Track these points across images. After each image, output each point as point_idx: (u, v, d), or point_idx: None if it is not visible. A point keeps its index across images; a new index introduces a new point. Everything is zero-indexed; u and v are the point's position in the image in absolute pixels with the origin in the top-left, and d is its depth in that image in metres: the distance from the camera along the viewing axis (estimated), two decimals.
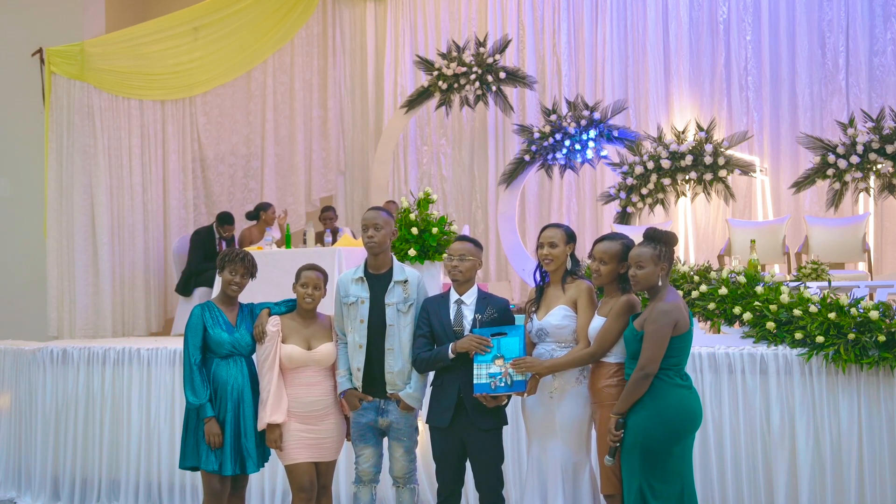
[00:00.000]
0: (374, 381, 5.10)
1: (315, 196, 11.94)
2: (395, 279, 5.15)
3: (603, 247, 4.69)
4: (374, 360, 5.10)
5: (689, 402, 4.44)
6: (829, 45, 10.13)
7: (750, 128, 10.14)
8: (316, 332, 5.21)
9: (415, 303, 5.12)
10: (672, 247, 4.51)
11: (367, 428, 5.13)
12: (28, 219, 10.38)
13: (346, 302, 5.17)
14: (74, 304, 9.50)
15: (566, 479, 4.69)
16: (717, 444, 5.95)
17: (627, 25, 10.96)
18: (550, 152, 10.15)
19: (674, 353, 4.40)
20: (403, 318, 5.10)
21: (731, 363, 5.94)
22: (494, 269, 11.43)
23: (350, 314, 5.16)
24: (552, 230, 4.86)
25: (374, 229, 5.13)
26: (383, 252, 5.18)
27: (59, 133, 9.60)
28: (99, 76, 9.78)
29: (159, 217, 10.40)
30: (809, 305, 5.91)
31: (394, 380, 5.06)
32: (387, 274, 5.20)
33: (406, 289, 5.12)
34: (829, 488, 5.72)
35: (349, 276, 5.29)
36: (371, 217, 5.20)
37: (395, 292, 5.12)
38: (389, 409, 5.07)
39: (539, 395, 4.72)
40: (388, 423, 5.10)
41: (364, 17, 12.13)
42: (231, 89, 11.36)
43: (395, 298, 5.11)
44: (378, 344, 5.09)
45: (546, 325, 4.75)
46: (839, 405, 5.73)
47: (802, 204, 10.00)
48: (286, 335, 5.17)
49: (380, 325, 5.08)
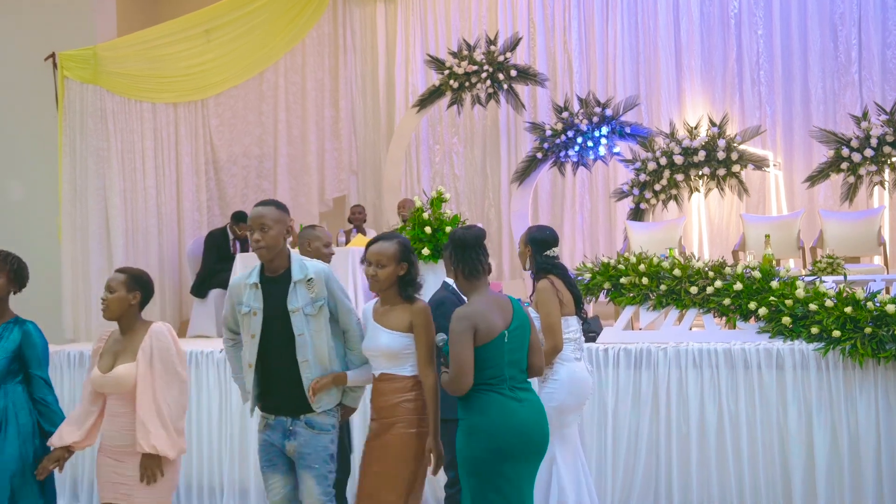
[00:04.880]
0: (279, 400, 4.34)
1: (328, 196, 11.96)
2: (294, 279, 4.31)
3: (377, 248, 4.26)
4: (276, 377, 4.33)
5: (515, 417, 3.98)
6: (841, 38, 10.07)
7: (763, 122, 10.10)
8: (130, 349, 4.35)
9: (326, 301, 4.32)
10: (469, 248, 4.14)
11: (275, 452, 4.32)
12: (42, 222, 10.41)
13: (240, 311, 4.38)
14: (90, 307, 9.53)
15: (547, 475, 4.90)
16: (733, 440, 5.94)
17: (638, 21, 10.93)
18: (563, 150, 10.14)
19: (485, 365, 3.97)
20: (315, 323, 4.30)
21: (748, 358, 5.93)
22: (508, 268, 11.42)
23: (244, 326, 4.38)
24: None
25: (260, 231, 4.28)
26: (278, 253, 4.34)
27: (72, 137, 9.64)
28: (111, 79, 9.82)
29: (173, 219, 10.43)
30: (825, 300, 5.89)
31: (316, 395, 4.28)
32: (285, 275, 4.34)
33: (312, 287, 4.30)
34: (847, 483, 5.70)
35: (243, 279, 4.45)
36: (257, 215, 4.31)
37: (298, 295, 4.29)
38: (297, 430, 4.27)
39: None
40: (294, 449, 4.27)
41: (374, 17, 12.14)
42: (243, 91, 11.39)
43: (300, 302, 4.28)
44: (283, 359, 4.29)
45: None
46: (856, 400, 5.72)
47: (816, 198, 9.95)
48: (105, 352, 4.45)
49: (284, 338, 4.28)
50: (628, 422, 6.14)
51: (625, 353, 6.20)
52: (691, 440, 6.00)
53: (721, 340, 6.15)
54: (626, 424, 6.14)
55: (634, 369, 6.17)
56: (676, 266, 6.48)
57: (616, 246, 10.37)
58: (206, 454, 7.30)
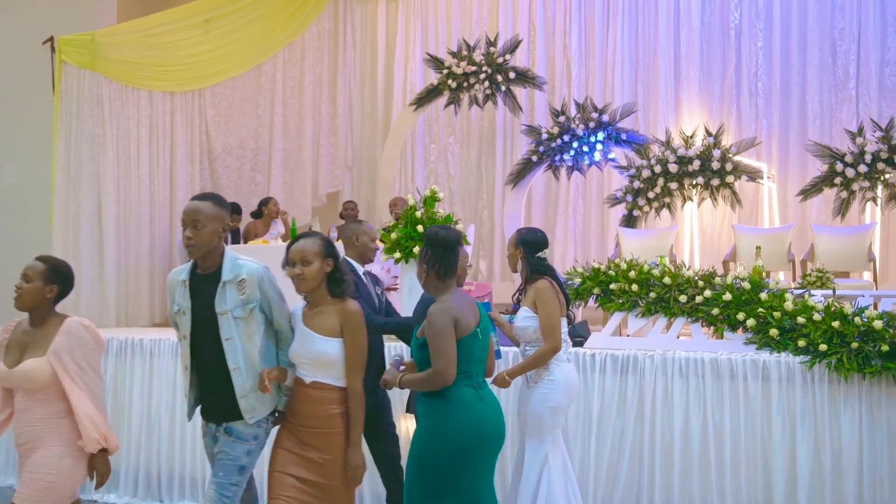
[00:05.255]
0: (212, 405, 4.20)
1: (322, 191, 11.97)
2: (224, 279, 4.06)
3: (300, 245, 4.15)
4: (209, 382, 4.15)
5: (478, 416, 4.06)
6: (840, 53, 10.10)
7: (759, 134, 10.12)
8: (40, 343, 4.14)
9: (258, 304, 4.08)
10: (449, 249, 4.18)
11: (212, 457, 4.24)
12: (35, 206, 10.39)
13: (172, 309, 4.19)
14: (79, 293, 9.47)
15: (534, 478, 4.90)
16: (717, 450, 5.94)
17: (639, 28, 10.95)
18: (558, 153, 10.15)
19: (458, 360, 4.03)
20: (246, 327, 4.06)
21: (734, 369, 5.93)
22: (499, 270, 11.43)
23: (178, 325, 4.20)
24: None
25: (193, 228, 4.04)
26: (211, 251, 4.11)
27: (68, 122, 9.61)
28: (109, 66, 9.78)
29: (165, 208, 10.40)
30: (813, 313, 5.90)
31: (251, 404, 4.09)
32: (216, 274, 4.09)
33: (243, 289, 4.05)
34: (828, 497, 5.70)
35: (177, 275, 4.22)
36: (192, 209, 4.06)
37: (227, 296, 4.04)
38: (219, 436, 4.15)
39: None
40: (215, 454, 4.17)
41: (375, 14, 12.16)
42: (241, 82, 11.37)
43: (229, 304, 4.04)
44: (214, 363, 4.09)
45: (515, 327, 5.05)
46: (841, 414, 5.72)
47: (809, 212, 9.98)
48: (10, 345, 4.24)
49: (214, 341, 4.07)
50: (613, 427, 6.14)
51: (612, 358, 6.20)
52: (675, 448, 6.00)
53: (708, 350, 6.15)
54: (610, 429, 6.14)
55: (621, 375, 6.17)
56: (667, 274, 6.49)
57: (607, 252, 10.39)
58: (190, 445, 7.25)
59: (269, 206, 10.26)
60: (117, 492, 7.46)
